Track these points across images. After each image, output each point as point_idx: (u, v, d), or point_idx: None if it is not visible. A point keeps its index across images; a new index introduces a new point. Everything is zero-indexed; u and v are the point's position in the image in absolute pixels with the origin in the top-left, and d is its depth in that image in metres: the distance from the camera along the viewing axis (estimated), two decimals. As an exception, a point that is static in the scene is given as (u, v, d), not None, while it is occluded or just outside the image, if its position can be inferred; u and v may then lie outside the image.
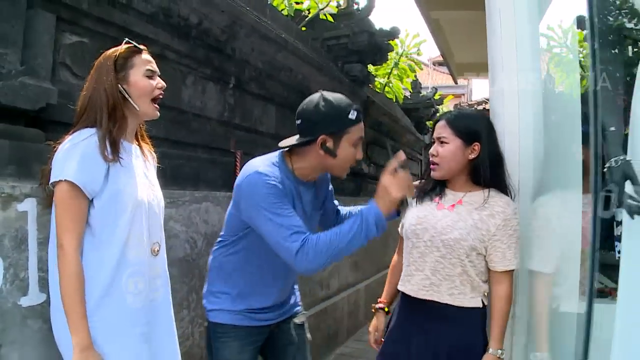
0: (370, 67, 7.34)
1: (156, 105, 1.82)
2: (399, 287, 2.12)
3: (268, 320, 2.10)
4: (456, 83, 9.36)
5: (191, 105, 3.22)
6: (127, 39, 1.82)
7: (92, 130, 1.70)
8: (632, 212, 1.55)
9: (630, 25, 1.72)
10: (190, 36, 3.12)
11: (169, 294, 1.92)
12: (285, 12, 5.64)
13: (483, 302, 2.00)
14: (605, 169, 1.62)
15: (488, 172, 1.98)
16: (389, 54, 7.26)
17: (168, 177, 2.93)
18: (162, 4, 2.80)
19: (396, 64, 8.28)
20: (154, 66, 1.82)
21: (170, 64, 3.04)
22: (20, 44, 2.14)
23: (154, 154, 2.01)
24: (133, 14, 2.68)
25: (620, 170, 1.58)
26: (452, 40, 7.25)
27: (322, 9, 5.81)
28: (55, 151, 1.71)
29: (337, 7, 5.97)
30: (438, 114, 6.05)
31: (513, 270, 1.99)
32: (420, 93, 10.08)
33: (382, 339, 2.20)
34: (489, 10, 2.53)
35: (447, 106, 11.47)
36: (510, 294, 1.99)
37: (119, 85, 1.74)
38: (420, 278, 2.01)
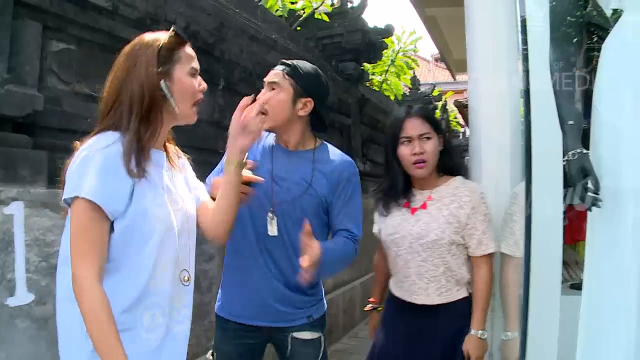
0: (367, 65, 7.40)
1: (196, 108, 1.54)
2: (394, 292, 2.17)
3: (244, 319, 1.93)
4: (455, 79, 9.36)
5: (180, 107, 3.27)
6: (174, 27, 1.49)
7: (117, 135, 1.38)
8: (590, 205, 1.60)
9: (589, 15, 1.76)
10: (178, 40, 3.18)
11: (189, 328, 1.57)
12: (279, 13, 5.70)
13: (468, 290, 2.07)
14: (564, 162, 1.67)
15: (452, 160, 2.08)
16: (385, 51, 7.32)
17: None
18: (148, 9, 2.86)
19: (393, 61, 8.32)
20: (197, 64, 1.52)
21: (158, 68, 3.09)
22: (7, 53, 2.21)
23: (184, 159, 1.68)
24: (119, 20, 2.74)
25: (577, 163, 1.62)
26: (449, 37, 7.26)
27: (317, 8, 5.86)
28: (74, 153, 1.41)
29: (331, 5, 6.01)
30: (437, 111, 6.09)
31: (491, 253, 2.05)
32: (419, 90, 10.11)
33: None
34: (467, 9, 2.60)
35: (448, 102, 11.51)
36: (490, 277, 2.06)
37: (162, 82, 1.41)
38: (409, 284, 2.07)
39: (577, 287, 2.63)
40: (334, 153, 1.98)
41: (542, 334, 2.04)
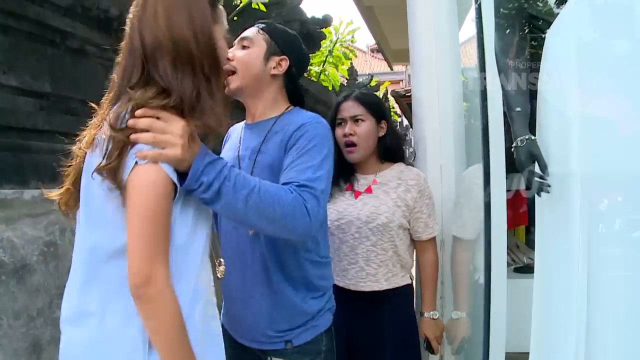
0: (305, 56, 7.35)
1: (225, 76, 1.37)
2: (336, 283, 2.04)
3: (225, 329, 1.65)
4: (392, 69, 9.46)
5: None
6: None
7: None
8: (538, 190, 1.63)
9: (534, 5, 1.80)
10: (111, 29, 3.03)
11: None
12: (216, 2, 5.56)
13: (410, 278, 2.09)
14: (512, 149, 1.69)
15: (394, 146, 2.07)
16: (323, 41, 7.29)
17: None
18: (79, -5, 2.71)
19: (330, 52, 8.31)
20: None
21: (92, 59, 2.95)
22: None
23: None
24: (48, 7, 2.57)
25: (526, 149, 1.64)
26: (386, 28, 7.31)
27: (254, -2, 5.75)
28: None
29: (268, -5, 5.92)
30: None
31: (435, 237, 2.09)
32: (357, 80, 10.15)
33: None
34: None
35: (384, 93, 11.62)
36: (437, 260, 2.10)
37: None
38: (355, 271, 2.02)
39: (520, 270, 2.71)
40: (301, 116, 1.62)
41: (494, 316, 2.08)
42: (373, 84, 10.30)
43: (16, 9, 2.40)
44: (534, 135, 1.69)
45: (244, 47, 1.63)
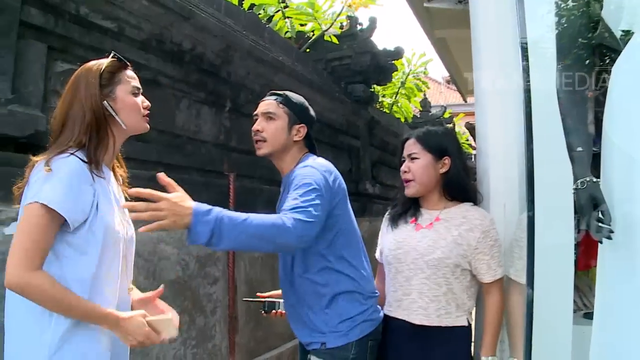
0: (377, 88, 7.40)
1: (146, 118, 1.68)
2: (387, 313, 2.09)
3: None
4: (465, 101, 9.34)
5: (185, 129, 3.28)
6: (113, 52, 1.64)
7: (72, 151, 1.49)
8: (599, 236, 1.55)
9: (600, 37, 1.74)
10: (183, 61, 3.20)
11: None
12: (288, 35, 5.73)
13: (468, 321, 2.02)
14: (573, 192, 1.62)
15: (461, 185, 2.05)
16: (395, 73, 7.32)
17: (161, 199, 2.99)
18: (153, 30, 2.88)
19: (403, 84, 8.33)
20: (138, 83, 1.68)
21: (164, 89, 3.11)
22: (11, 73, 2.22)
23: (125, 179, 1.77)
24: (125, 41, 2.76)
25: (587, 192, 1.57)
26: (459, 59, 7.25)
27: (326, 30, 5.88)
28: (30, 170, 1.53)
29: (340, 28, 6.04)
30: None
31: (501, 279, 2.02)
32: (430, 112, 10.11)
33: None
34: (473, 31, 2.58)
35: (459, 125, 11.48)
36: (501, 303, 2.03)
37: (105, 102, 1.56)
38: (409, 302, 2.01)
39: (590, 316, 2.58)
40: (303, 165, 1.96)
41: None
42: (446, 115, 10.21)
43: (95, 43, 2.59)
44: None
45: (269, 119, 1.99)
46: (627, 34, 1.61)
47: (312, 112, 2.10)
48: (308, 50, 5.92)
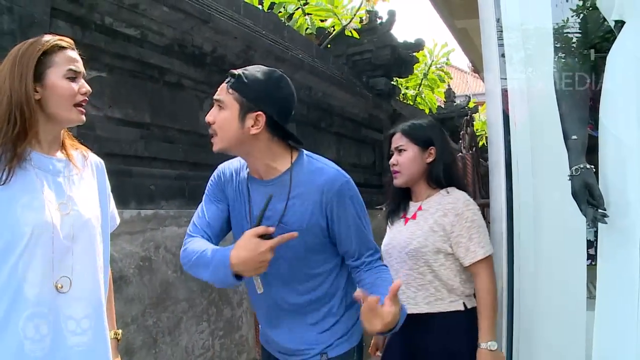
0: (400, 80, 7.44)
1: (81, 109, 1.46)
2: None
3: (269, 348, 1.85)
4: (490, 90, 9.28)
5: (209, 128, 3.40)
6: (53, 33, 1.48)
7: None
8: (593, 221, 1.59)
9: (595, 30, 1.78)
10: (205, 63, 3.32)
11: (106, 338, 1.49)
12: (309, 32, 5.82)
13: (465, 305, 2.02)
14: (568, 178, 1.67)
15: (441, 172, 2.09)
16: (417, 64, 7.35)
17: (187, 197, 3.12)
18: (175, 35, 3.00)
19: (425, 75, 8.34)
20: (78, 66, 1.46)
21: (187, 91, 3.24)
22: (43, 83, 2.36)
23: (97, 163, 1.61)
24: (148, 47, 2.88)
25: (581, 179, 1.62)
26: (482, 48, 7.24)
27: (346, 25, 5.94)
28: None
29: (360, 22, 6.09)
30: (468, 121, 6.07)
31: (485, 260, 2.00)
32: (455, 102, 10.07)
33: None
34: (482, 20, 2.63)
35: (484, 114, 11.39)
36: (490, 284, 2.00)
37: (33, 86, 1.38)
38: (399, 294, 2.03)
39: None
40: (314, 167, 1.66)
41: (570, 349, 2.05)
42: (471, 105, 10.15)
43: (120, 50, 2.72)
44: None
45: (219, 107, 1.60)
46: (619, 23, 1.65)
47: (282, 94, 1.61)
48: (329, 46, 5.99)
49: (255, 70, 1.61)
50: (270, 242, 1.47)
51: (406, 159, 2.09)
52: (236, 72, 1.59)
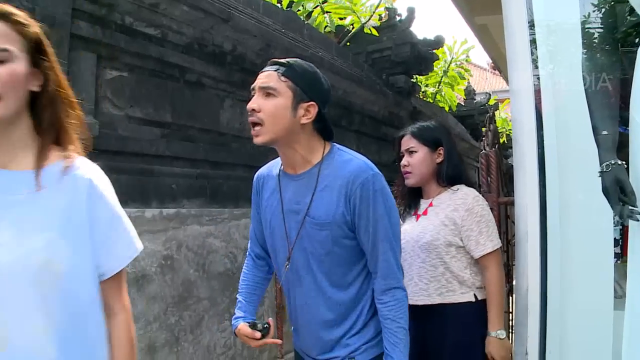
0: (420, 77, 7.38)
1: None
2: None
3: (302, 351, 1.82)
4: (511, 87, 9.18)
5: (230, 127, 3.40)
6: None
7: None
8: (625, 217, 1.57)
9: (626, 26, 1.74)
10: (225, 62, 3.31)
11: None
12: (328, 29, 5.80)
13: (476, 296, 2.11)
14: (598, 175, 1.64)
15: (451, 170, 2.20)
16: (437, 62, 7.29)
17: (209, 196, 3.12)
18: (195, 34, 3.00)
19: (445, 72, 8.27)
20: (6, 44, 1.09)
21: (208, 90, 3.23)
22: (65, 83, 2.37)
23: (84, 183, 1.17)
24: (168, 46, 2.89)
25: (612, 175, 1.59)
26: (502, 45, 7.13)
27: (365, 23, 5.92)
28: None
29: (379, 20, 6.06)
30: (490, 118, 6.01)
31: (494, 252, 2.11)
32: (475, 99, 9.98)
33: None
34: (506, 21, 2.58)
35: (505, 111, 11.29)
36: (498, 276, 2.12)
37: None
38: (412, 286, 2.14)
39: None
40: (342, 159, 1.63)
41: (595, 348, 2.02)
42: (491, 102, 10.04)
43: (140, 50, 2.72)
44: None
45: (268, 95, 1.54)
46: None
47: (325, 86, 1.62)
48: (348, 44, 5.97)
49: (300, 61, 1.60)
50: (257, 342, 1.67)
51: (417, 160, 2.21)
52: (284, 60, 1.58)
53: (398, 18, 6.16)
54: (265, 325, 1.67)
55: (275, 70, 1.55)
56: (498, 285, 2.11)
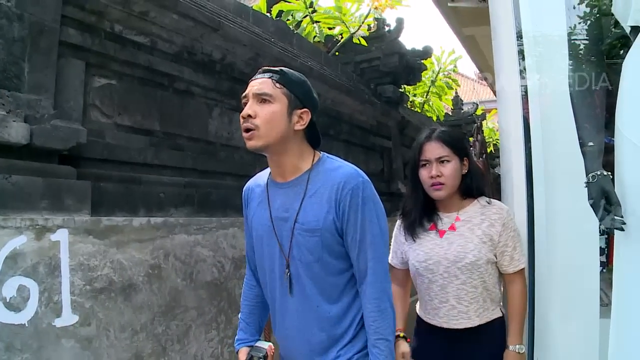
0: (408, 87, 7.42)
1: None
2: (427, 321, 2.12)
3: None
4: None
5: (218, 136, 3.40)
6: None
7: None
8: (611, 227, 1.58)
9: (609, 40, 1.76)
10: (215, 71, 3.32)
11: None
12: (317, 39, 5.82)
13: (501, 310, 2.07)
14: (584, 185, 1.66)
15: (476, 182, 2.07)
16: (425, 72, 7.34)
17: (197, 205, 3.11)
18: (185, 43, 3.00)
19: (433, 82, 8.33)
20: None
21: (197, 99, 3.23)
22: (53, 90, 2.36)
23: None
24: (158, 55, 2.88)
25: (598, 185, 1.60)
26: (489, 55, 7.19)
27: (354, 33, 5.95)
28: None
29: (368, 30, 6.10)
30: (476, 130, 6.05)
31: (523, 269, 2.05)
32: (462, 109, 10.05)
33: None
34: (493, 32, 2.62)
35: (492, 121, 11.38)
36: (524, 291, 2.06)
37: None
38: (447, 309, 2.04)
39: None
40: (332, 167, 1.64)
41: (582, 356, 2.03)
42: (479, 112, 10.13)
43: (129, 58, 2.72)
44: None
45: (263, 101, 1.56)
46: (636, 30, 1.63)
47: (315, 94, 1.67)
48: (337, 53, 6.00)
49: (290, 70, 1.64)
50: None
51: (451, 170, 2.01)
52: (276, 68, 1.61)
53: (387, 28, 6.21)
54: (262, 356, 1.74)
55: (269, 78, 1.58)
56: (522, 299, 2.04)
